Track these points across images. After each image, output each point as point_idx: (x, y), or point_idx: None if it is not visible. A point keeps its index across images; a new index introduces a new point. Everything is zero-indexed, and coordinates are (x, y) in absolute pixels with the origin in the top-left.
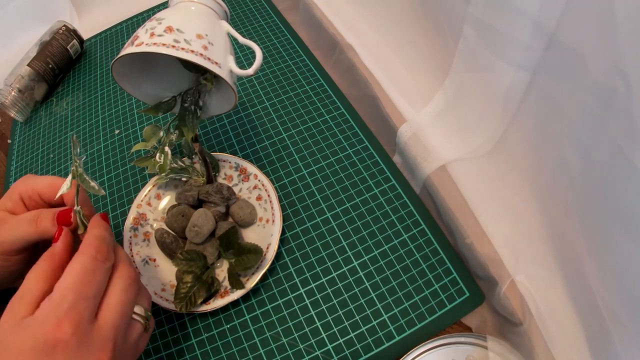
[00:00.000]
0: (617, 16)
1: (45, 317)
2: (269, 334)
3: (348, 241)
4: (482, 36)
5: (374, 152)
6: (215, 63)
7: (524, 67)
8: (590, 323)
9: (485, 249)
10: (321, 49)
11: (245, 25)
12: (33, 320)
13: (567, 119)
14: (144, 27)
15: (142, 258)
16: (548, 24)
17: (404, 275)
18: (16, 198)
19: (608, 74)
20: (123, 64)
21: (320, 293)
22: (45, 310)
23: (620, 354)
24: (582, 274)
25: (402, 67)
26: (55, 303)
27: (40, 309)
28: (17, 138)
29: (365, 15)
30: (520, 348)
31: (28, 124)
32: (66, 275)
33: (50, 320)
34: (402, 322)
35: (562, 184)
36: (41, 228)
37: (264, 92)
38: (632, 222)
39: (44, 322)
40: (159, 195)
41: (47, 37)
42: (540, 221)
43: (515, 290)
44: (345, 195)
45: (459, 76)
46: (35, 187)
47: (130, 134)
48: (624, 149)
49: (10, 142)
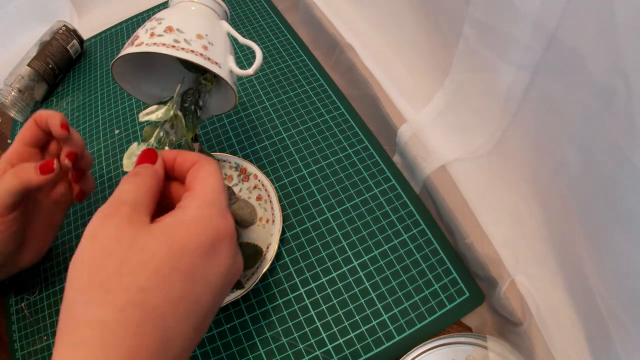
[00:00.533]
0: (617, 16)
1: (212, 216)
2: (269, 334)
3: (348, 241)
4: (482, 36)
5: (374, 152)
6: (215, 63)
7: (524, 67)
8: (590, 323)
9: (485, 249)
10: (321, 49)
11: (245, 25)
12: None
13: (567, 119)
14: (144, 27)
15: None
16: (548, 24)
17: (403, 275)
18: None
19: (608, 74)
20: (123, 64)
21: (320, 293)
22: (204, 211)
23: (621, 354)
24: (582, 274)
25: (402, 67)
26: (213, 201)
27: (196, 209)
28: None
29: (365, 15)
30: (520, 348)
31: None
32: (208, 177)
33: (217, 217)
34: (402, 322)
35: (562, 184)
36: (24, 178)
37: (264, 92)
38: (632, 222)
39: (209, 221)
40: None
41: (47, 37)
42: (540, 221)
43: (515, 290)
44: (345, 195)
45: (459, 76)
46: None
47: (130, 134)
48: (624, 149)
49: (10, 142)
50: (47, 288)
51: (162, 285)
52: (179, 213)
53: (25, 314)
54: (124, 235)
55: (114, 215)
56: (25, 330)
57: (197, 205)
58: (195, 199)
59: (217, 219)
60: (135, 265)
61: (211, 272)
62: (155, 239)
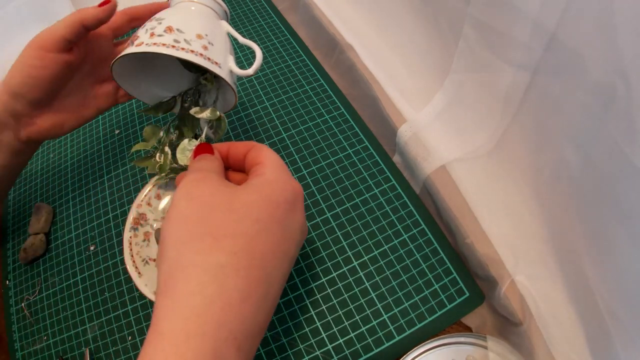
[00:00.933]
0: (617, 16)
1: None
2: (269, 334)
3: (348, 241)
4: (482, 36)
5: (374, 152)
6: (215, 63)
7: (524, 67)
8: (590, 323)
9: (485, 249)
10: (321, 49)
11: (245, 25)
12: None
13: (567, 119)
14: (144, 27)
15: (142, 258)
16: (548, 24)
17: (403, 275)
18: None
19: (608, 74)
20: (123, 64)
21: (320, 293)
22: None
23: (620, 354)
24: (582, 274)
25: (402, 67)
26: (283, 167)
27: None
28: None
29: (365, 15)
30: (520, 348)
31: None
32: (270, 153)
33: (291, 179)
34: (402, 322)
35: (562, 184)
36: (82, 12)
37: (264, 92)
38: (632, 222)
39: (286, 182)
40: (159, 195)
41: None
42: (540, 221)
43: (515, 290)
44: (345, 195)
45: (459, 76)
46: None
47: (130, 134)
48: (624, 149)
49: None
50: (47, 288)
51: (264, 233)
52: (259, 177)
53: (25, 314)
54: (222, 193)
55: (205, 179)
56: (25, 330)
57: (272, 171)
58: (268, 166)
59: (292, 180)
60: (239, 215)
61: (294, 225)
62: (251, 193)
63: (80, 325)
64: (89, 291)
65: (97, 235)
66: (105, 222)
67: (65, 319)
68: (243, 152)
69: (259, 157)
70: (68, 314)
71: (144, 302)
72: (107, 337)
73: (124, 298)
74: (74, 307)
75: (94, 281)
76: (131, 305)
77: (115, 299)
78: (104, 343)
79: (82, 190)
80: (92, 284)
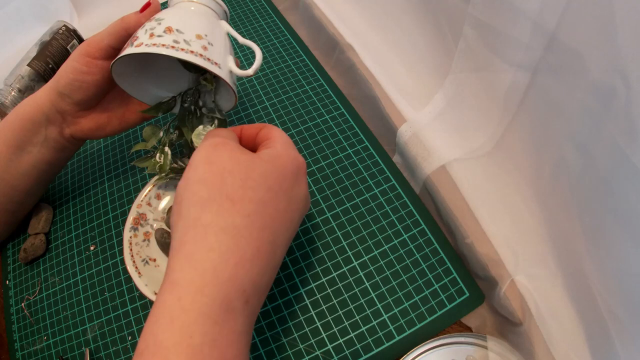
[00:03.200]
0: (617, 16)
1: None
2: (269, 334)
3: (348, 241)
4: (482, 36)
5: (374, 152)
6: (215, 63)
7: (524, 67)
8: (590, 323)
9: (485, 249)
10: (321, 49)
11: (245, 25)
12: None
13: (567, 119)
14: (144, 28)
15: (142, 258)
16: (548, 24)
17: (403, 275)
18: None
19: (608, 74)
20: (123, 64)
21: (320, 293)
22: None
23: (620, 354)
24: (582, 274)
25: (402, 67)
26: (290, 143)
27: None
28: None
29: (365, 15)
30: (520, 348)
31: None
32: (279, 131)
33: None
34: (402, 322)
35: (562, 184)
36: (125, 19)
37: (264, 92)
38: (632, 222)
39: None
40: (159, 195)
41: (47, 37)
42: (540, 221)
43: (515, 290)
44: (345, 195)
45: (459, 76)
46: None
47: (130, 134)
48: (624, 149)
49: None
50: (47, 288)
51: (275, 199)
52: (270, 149)
53: (25, 314)
54: (241, 159)
55: (225, 144)
56: (25, 331)
57: (281, 145)
58: (277, 141)
59: (298, 155)
60: (256, 181)
61: (298, 195)
62: (267, 162)
63: (80, 325)
64: (89, 291)
65: (97, 235)
66: (105, 222)
67: (65, 319)
68: (255, 132)
69: (270, 133)
70: (68, 314)
71: (144, 302)
72: (107, 337)
73: (124, 298)
74: (74, 307)
75: (94, 281)
76: (131, 305)
77: (115, 299)
78: (104, 343)
79: (82, 190)
80: (92, 284)
